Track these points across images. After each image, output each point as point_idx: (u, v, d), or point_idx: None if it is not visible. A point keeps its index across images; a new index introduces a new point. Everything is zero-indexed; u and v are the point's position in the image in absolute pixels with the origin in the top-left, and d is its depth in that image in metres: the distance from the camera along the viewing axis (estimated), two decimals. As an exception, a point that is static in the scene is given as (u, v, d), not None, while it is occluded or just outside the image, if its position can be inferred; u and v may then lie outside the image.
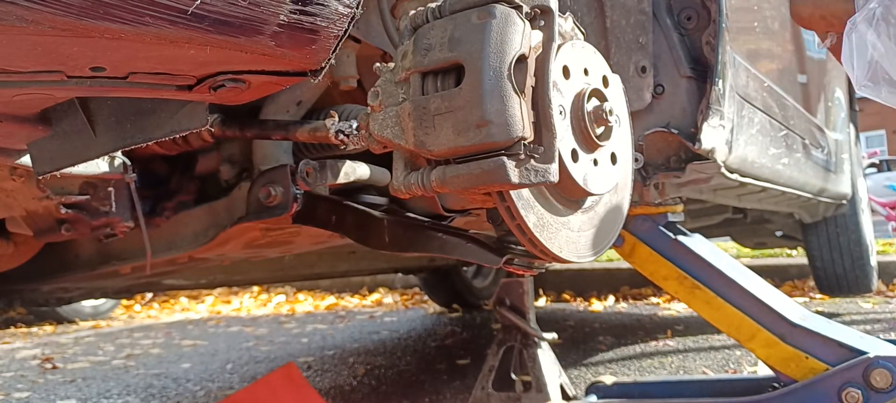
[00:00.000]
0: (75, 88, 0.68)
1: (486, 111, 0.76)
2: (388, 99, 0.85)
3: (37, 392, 2.82)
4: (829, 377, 1.36)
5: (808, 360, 1.40)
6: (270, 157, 1.32)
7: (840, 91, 3.16)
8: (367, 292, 6.25)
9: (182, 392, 2.67)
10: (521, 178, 0.78)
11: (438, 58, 0.80)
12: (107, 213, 1.34)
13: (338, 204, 1.29)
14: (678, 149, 1.48)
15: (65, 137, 0.86)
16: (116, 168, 1.22)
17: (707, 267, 1.64)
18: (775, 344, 1.44)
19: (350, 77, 1.22)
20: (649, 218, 1.73)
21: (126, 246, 1.53)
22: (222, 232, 1.38)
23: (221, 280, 2.86)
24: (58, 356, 3.76)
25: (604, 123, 0.91)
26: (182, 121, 0.82)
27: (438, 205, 1.03)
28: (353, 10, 0.66)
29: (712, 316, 1.56)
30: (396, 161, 0.87)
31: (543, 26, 0.84)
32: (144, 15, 0.54)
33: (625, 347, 2.97)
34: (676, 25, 1.44)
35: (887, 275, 4.35)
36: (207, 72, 0.69)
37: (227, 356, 3.49)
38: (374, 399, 2.36)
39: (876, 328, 2.97)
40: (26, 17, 0.51)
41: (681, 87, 1.43)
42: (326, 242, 1.71)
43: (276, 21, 0.61)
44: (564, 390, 1.91)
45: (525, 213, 0.87)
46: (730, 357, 2.58)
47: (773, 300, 1.49)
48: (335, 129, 1.04)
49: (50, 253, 1.65)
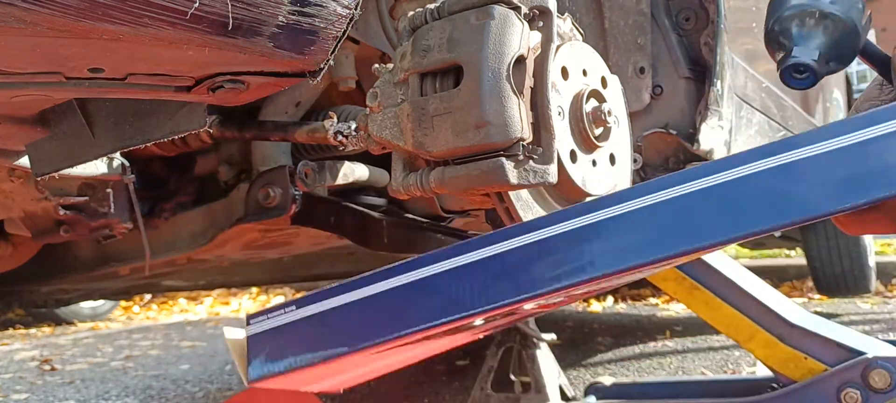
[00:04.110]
0: (74, 89, 0.68)
1: (485, 112, 0.76)
2: (386, 100, 0.85)
3: (35, 393, 2.82)
4: (827, 377, 1.36)
5: (807, 361, 1.40)
6: (269, 158, 1.32)
7: (838, 92, 3.17)
8: (366, 293, 6.23)
9: (181, 394, 2.66)
10: (520, 179, 0.78)
11: (437, 59, 0.80)
12: (105, 214, 1.34)
13: (336, 205, 1.29)
14: (677, 149, 1.48)
15: (63, 138, 0.86)
16: (115, 169, 1.22)
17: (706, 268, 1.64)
18: (774, 345, 1.44)
19: (349, 78, 1.22)
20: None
21: (125, 248, 1.53)
22: (221, 234, 1.38)
23: (220, 281, 2.86)
24: (56, 357, 3.75)
25: (602, 124, 0.91)
26: (181, 122, 0.82)
27: (437, 206, 1.03)
28: (352, 11, 0.66)
29: (711, 316, 1.56)
30: (395, 162, 0.87)
31: (542, 27, 0.84)
32: (143, 16, 0.54)
33: (624, 348, 2.97)
34: (675, 26, 1.44)
35: (885, 276, 4.36)
36: (206, 73, 0.69)
37: (227, 357, 3.48)
38: (373, 400, 2.36)
39: (874, 328, 2.97)
40: (25, 19, 0.51)
41: (679, 88, 1.43)
42: (325, 243, 1.71)
43: (275, 22, 0.61)
44: (563, 391, 1.91)
45: (524, 214, 0.87)
46: (728, 358, 2.58)
47: (772, 300, 1.49)
48: (334, 130, 1.04)
49: (48, 254, 1.65)
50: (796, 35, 0.83)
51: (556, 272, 0.74)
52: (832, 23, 0.81)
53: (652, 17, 1.42)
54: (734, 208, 0.69)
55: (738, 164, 0.70)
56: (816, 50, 0.81)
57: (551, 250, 0.74)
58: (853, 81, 4.16)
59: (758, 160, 0.69)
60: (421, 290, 0.79)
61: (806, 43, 0.82)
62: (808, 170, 0.67)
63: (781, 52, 0.83)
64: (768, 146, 0.69)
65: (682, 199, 0.70)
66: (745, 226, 0.68)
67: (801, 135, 0.69)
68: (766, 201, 0.68)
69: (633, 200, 0.72)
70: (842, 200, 0.66)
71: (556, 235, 0.74)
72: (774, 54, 0.85)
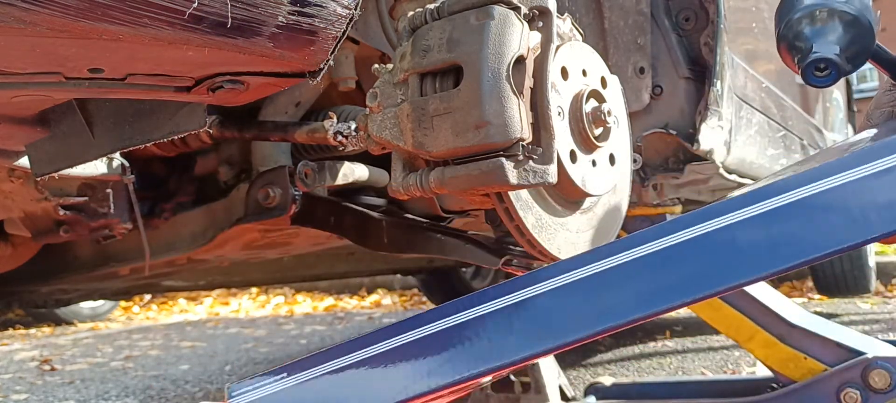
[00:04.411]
0: (74, 90, 0.68)
1: (485, 112, 0.76)
2: (386, 100, 0.85)
3: (35, 393, 2.82)
4: (827, 377, 1.36)
5: (807, 361, 1.40)
6: (269, 158, 1.32)
7: (838, 92, 3.17)
8: (366, 293, 6.24)
9: (180, 394, 2.66)
10: (520, 179, 0.78)
11: (437, 59, 0.80)
12: (105, 215, 1.34)
13: (336, 205, 1.29)
14: (676, 149, 1.48)
15: (63, 139, 0.86)
16: (115, 169, 1.22)
17: (705, 268, 1.64)
18: (774, 345, 1.44)
19: (349, 78, 1.22)
20: (648, 220, 1.73)
21: (124, 248, 1.53)
22: (221, 234, 1.38)
23: (220, 281, 2.86)
24: (56, 357, 3.75)
25: (602, 124, 0.91)
26: (180, 122, 0.82)
27: (437, 206, 1.03)
28: (352, 11, 0.66)
29: (711, 316, 1.56)
30: (395, 162, 0.87)
31: (542, 27, 0.84)
32: (142, 16, 0.54)
33: (623, 348, 2.97)
34: (675, 26, 1.44)
35: (885, 276, 4.35)
36: (206, 73, 0.69)
37: (226, 357, 3.48)
38: (373, 400, 2.36)
39: (874, 328, 2.97)
40: (25, 19, 0.51)
41: (679, 88, 1.43)
42: (325, 243, 1.71)
43: (275, 22, 0.61)
44: (563, 391, 1.91)
45: (523, 214, 0.87)
46: (728, 358, 2.58)
47: (772, 300, 1.49)
48: (334, 131, 1.04)
49: (48, 254, 1.65)
50: (811, 33, 0.82)
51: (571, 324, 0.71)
52: (845, 19, 0.80)
53: (652, 17, 1.41)
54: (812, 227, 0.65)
55: (791, 188, 0.67)
56: (836, 44, 0.80)
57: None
58: (853, 81, 4.17)
59: (809, 183, 0.66)
60: (429, 345, 0.74)
61: (824, 38, 0.80)
62: (865, 191, 0.64)
63: (798, 53, 0.82)
64: (818, 170, 0.66)
65: (735, 227, 0.67)
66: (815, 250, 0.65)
67: (851, 156, 0.67)
68: (832, 224, 0.65)
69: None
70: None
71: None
72: (792, 58, 0.84)
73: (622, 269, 0.70)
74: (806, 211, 0.66)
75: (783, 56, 0.87)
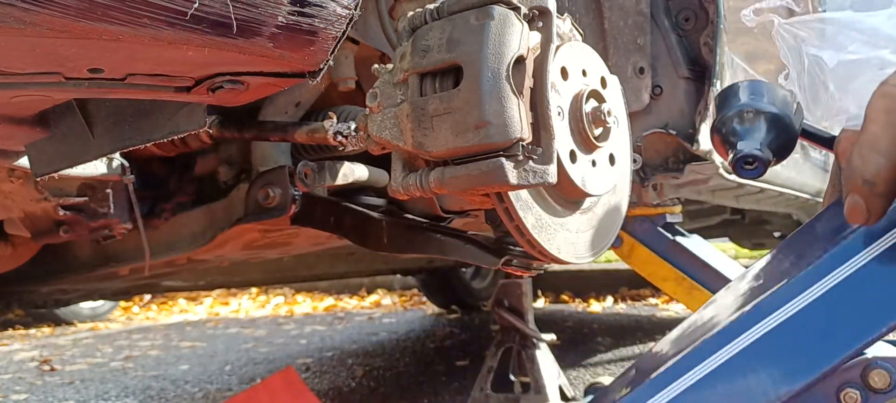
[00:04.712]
0: (73, 90, 0.68)
1: (485, 112, 0.76)
2: (386, 100, 0.85)
3: (35, 393, 2.82)
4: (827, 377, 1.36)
5: (807, 361, 1.40)
6: (269, 159, 1.32)
7: (838, 92, 3.16)
8: (366, 293, 6.24)
9: (180, 394, 2.66)
10: (520, 179, 0.78)
11: (437, 59, 0.80)
12: (105, 215, 1.34)
13: (336, 205, 1.29)
14: (676, 149, 1.49)
15: (63, 139, 0.86)
16: (115, 169, 1.22)
17: (705, 268, 1.64)
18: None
19: (348, 78, 1.22)
20: (648, 219, 1.74)
21: (124, 248, 1.53)
22: (221, 234, 1.38)
23: (220, 281, 2.86)
24: (56, 357, 3.75)
25: (602, 124, 0.91)
26: (180, 122, 0.82)
27: (437, 207, 1.03)
28: (352, 11, 0.66)
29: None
30: (395, 162, 0.87)
31: (542, 27, 0.84)
32: (142, 16, 0.54)
33: (623, 348, 2.98)
34: (674, 26, 1.44)
35: (885, 276, 4.34)
36: (206, 73, 0.69)
37: (226, 357, 3.49)
38: (373, 400, 2.37)
39: (874, 328, 2.97)
40: (24, 19, 0.51)
41: (679, 88, 1.43)
42: (325, 243, 1.71)
43: (275, 22, 0.61)
44: (563, 391, 1.92)
45: (523, 214, 0.87)
46: (728, 358, 2.58)
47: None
48: (333, 131, 1.04)
49: (48, 254, 1.65)
50: (741, 131, 0.90)
51: None
52: (768, 117, 0.89)
53: (651, 17, 1.42)
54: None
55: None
56: (760, 141, 0.89)
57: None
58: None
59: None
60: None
61: (751, 136, 0.89)
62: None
63: (730, 148, 0.91)
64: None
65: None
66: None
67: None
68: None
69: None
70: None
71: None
72: (725, 151, 0.93)
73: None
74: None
75: (717, 148, 0.94)
